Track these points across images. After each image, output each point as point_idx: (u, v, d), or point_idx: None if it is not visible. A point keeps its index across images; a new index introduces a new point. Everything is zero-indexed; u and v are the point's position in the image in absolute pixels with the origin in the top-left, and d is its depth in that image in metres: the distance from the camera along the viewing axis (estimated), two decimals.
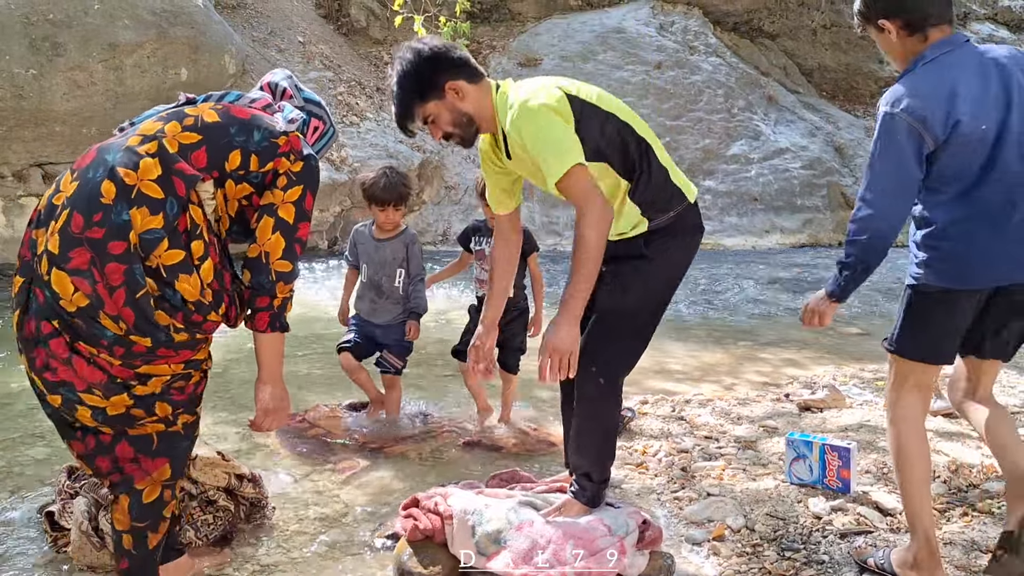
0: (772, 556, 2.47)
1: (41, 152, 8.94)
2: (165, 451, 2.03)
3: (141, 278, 1.83)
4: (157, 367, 1.92)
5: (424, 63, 2.35)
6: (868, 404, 4.01)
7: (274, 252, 1.99)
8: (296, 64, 11.83)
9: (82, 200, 1.85)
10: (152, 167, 1.88)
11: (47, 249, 1.85)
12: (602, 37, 13.52)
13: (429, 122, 2.41)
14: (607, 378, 2.42)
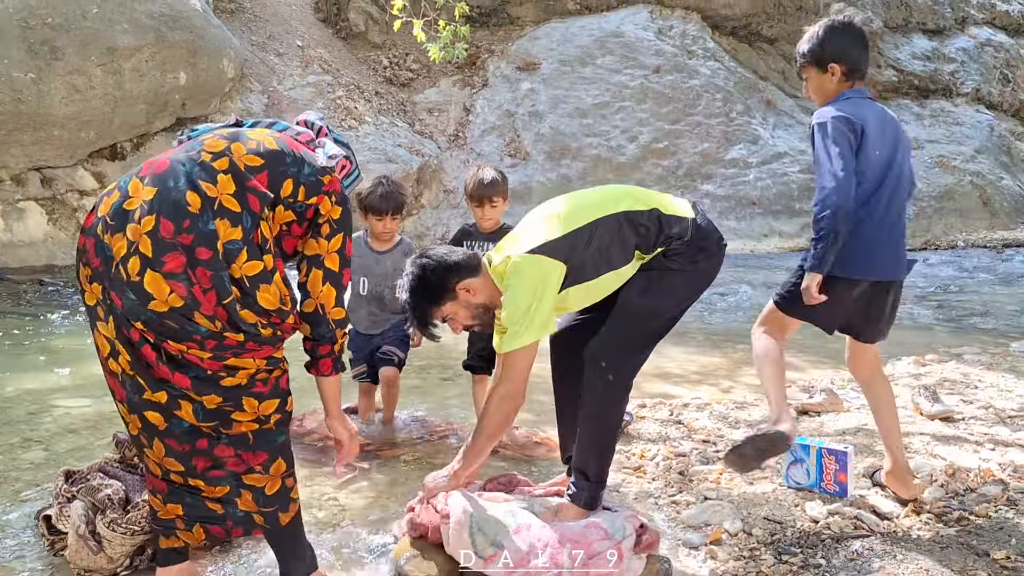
0: (769, 560, 2.47)
1: (39, 156, 8.95)
2: (262, 446, 2.10)
3: (229, 284, 1.92)
4: (244, 360, 2.00)
5: (432, 273, 2.50)
6: (866, 408, 4.00)
7: (328, 302, 2.14)
8: (295, 68, 11.85)
9: (168, 206, 1.93)
10: (228, 183, 1.98)
11: (139, 252, 1.90)
12: (600, 41, 13.55)
13: (448, 319, 2.57)
14: (616, 376, 2.50)
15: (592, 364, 2.48)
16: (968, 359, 5.14)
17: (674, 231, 2.52)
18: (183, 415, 2.02)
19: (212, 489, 2.11)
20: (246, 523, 2.16)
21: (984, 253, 11.76)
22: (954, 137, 14.42)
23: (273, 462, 2.13)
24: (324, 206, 2.11)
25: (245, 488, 2.12)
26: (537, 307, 2.40)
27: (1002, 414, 3.83)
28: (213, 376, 1.98)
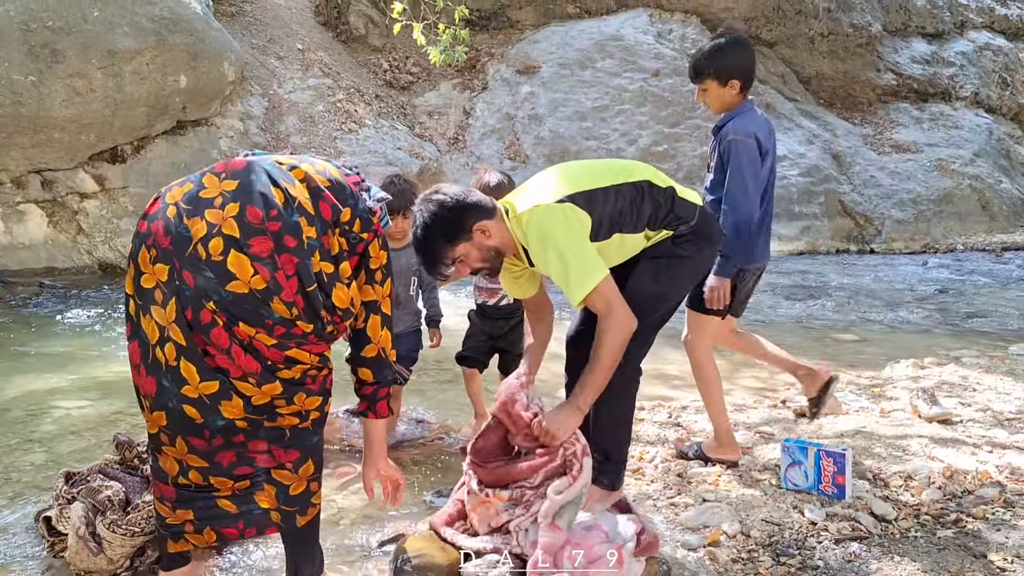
0: (767, 562, 2.48)
1: (40, 159, 8.96)
2: (296, 444, 2.12)
3: (312, 274, 1.97)
4: (303, 352, 2.04)
5: (449, 211, 2.45)
6: (864, 410, 4.02)
7: (388, 345, 2.24)
8: (295, 71, 11.87)
9: (253, 196, 1.98)
10: (303, 189, 2.05)
11: (224, 233, 1.93)
12: (600, 45, 13.56)
13: (458, 261, 2.52)
14: (628, 360, 2.57)
15: None
16: (967, 362, 5.15)
17: (683, 214, 2.63)
18: (227, 409, 1.99)
19: (232, 484, 2.08)
20: (261, 522, 2.14)
21: (983, 256, 11.77)
22: (953, 141, 14.43)
23: (303, 463, 2.14)
24: (373, 248, 2.18)
25: (271, 483, 2.11)
26: (584, 248, 2.43)
27: (1000, 417, 3.84)
28: (273, 366, 2.01)
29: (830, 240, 12.59)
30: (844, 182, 13.20)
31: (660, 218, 2.61)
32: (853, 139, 14.17)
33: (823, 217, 12.71)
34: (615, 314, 2.42)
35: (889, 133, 14.58)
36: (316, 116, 11.37)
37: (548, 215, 2.44)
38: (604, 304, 2.44)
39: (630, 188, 2.56)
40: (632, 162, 2.74)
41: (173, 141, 9.95)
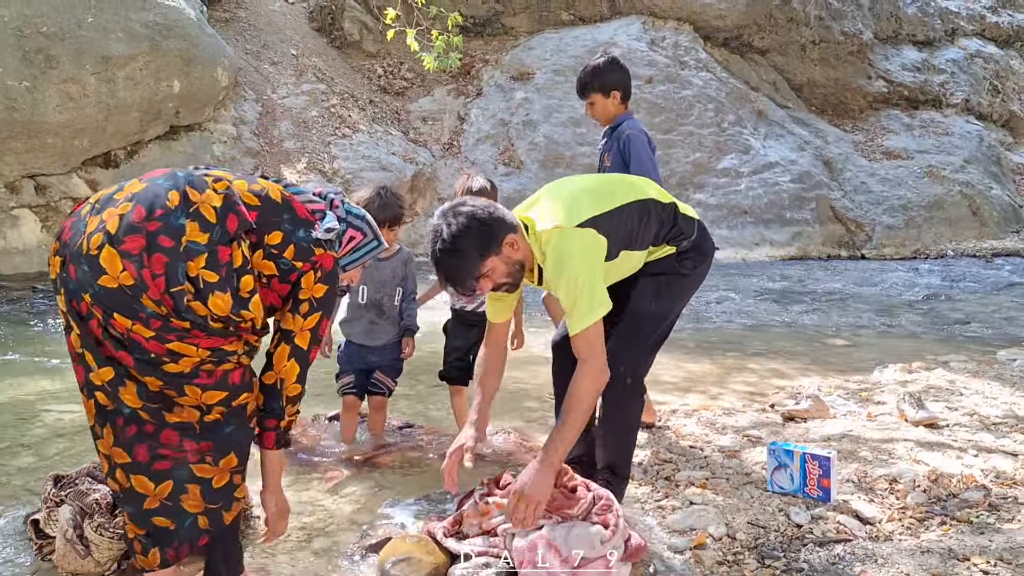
0: (752, 564, 2.49)
1: (33, 164, 8.96)
2: (209, 436, 2.11)
3: (182, 276, 1.94)
4: (187, 346, 1.99)
5: (482, 224, 2.40)
6: (851, 415, 4.05)
7: (289, 378, 2.17)
8: (289, 76, 11.89)
9: (147, 198, 1.99)
10: (215, 197, 2.03)
11: (104, 228, 1.94)
12: (594, 52, 13.54)
13: (483, 277, 2.44)
14: (634, 378, 2.66)
15: (613, 370, 2.53)
16: (954, 366, 5.18)
17: (685, 229, 2.69)
18: (125, 396, 2.03)
19: (154, 488, 2.09)
20: (192, 535, 2.15)
21: (973, 262, 11.84)
22: (944, 147, 14.52)
23: (224, 454, 2.12)
24: (307, 280, 2.13)
25: (194, 481, 2.11)
26: (596, 281, 2.45)
27: (986, 421, 3.86)
28: (156, 360, 1.99)
29: (821, 246, 12.65)
30: (835, 188, 13.27)
31: (663, 235, 2.66)
32: (844, 146, 14.25)
33: (814, 223, 12.77)
34: (594, 362, 2.43)
35: (880, 140, 14.67)
36: (310, 121, 11.39)
37: (571, 239, 2.45)
38: (587, 348, 2.43)
39: (640, 206, 2.61)
40: (637, 178, 2.80)
41: (166, 146, 9.96)
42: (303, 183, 11.34)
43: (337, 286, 2.23)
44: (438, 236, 2.41)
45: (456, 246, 2.38)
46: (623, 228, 2.55)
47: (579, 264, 2.43)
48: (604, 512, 2.40)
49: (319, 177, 10.63)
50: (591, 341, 2.44)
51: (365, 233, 2.37)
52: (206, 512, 2.14)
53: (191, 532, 2.14)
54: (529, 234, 2.51)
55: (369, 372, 3.68)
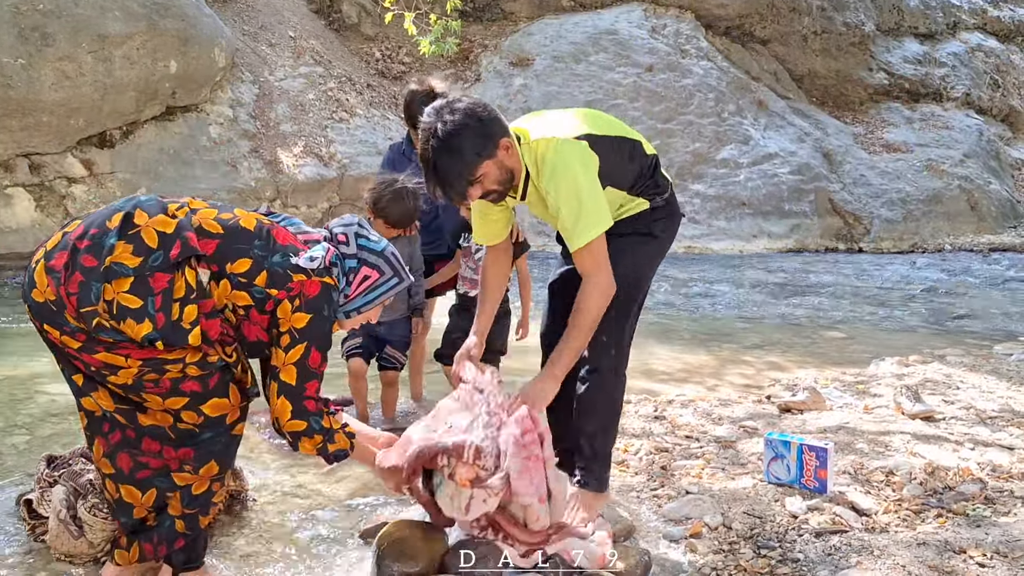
0: (748, 554, 2.49)
1: (28, 142, 8.89)
2: (187, 443, 2.09)
3: (95, 297, 1.89)
4: (116, 357, 1.95)
5: (480, 122, 2.26)
6: (848, 407, 4.04)
7: (283, 416, 2.11)
8: (287, 59, 11.81)
9: (92, 217, 1.99)
10: (166, 222, 1.98)
11: (45, 244, 1.99)
12: (594, 38, 13.56)
13: (475, 182, 2.30)
14: (617, 348, 2.56)
15: (594, 343, 2.46)
16: (951, 360, 5.19)
17: (661, 184, 2.60)
18: (101, 400, 2.05)
19: (141, 498, 2.12)
20: (170, 536, 2.16)
21: (971, 257, 11.85)
22: (943, 141, 14.50)
23: (204, 463, 2.11)
24: (283, 309, 2.05)
25: (175, 489, 2.12)
26: (598, 192, 2.34)
27: (983, 415, 3.86)
28: (97, 373, 1.99)
29: (819, 238, 12.65)
30: (834, 181, 13.25)
31: (641, 183, 2.55)
32: (844, 138, 14.22)
33: (813, 215, 12.76)
34: (601, 276, 2.34)
35: (880, 133, 14.65)
36: (307, 104, 11.32)
37: (568, 149, 2.33)
38: (593, 263, 2.34)
39: (629, 144, 2.52)
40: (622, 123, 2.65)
41: (162, 127, 9.89)
42: (301, 167, 11.12)
43: (327, 316, 2.11)
44: (431, 134, 2.23)
45: (452, 144, 2.22)
46: (613, 157, 2.44)
47: (580, 175, 2.32)
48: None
49: (316, 161, 10.57)
50: (596, 255, 2.34)
51: (383, 271, 2.25)
52: (183, 517, 2.15)
53: (170, 533, 2.16)
54: (521, 144, 2.37)
55: (377, 340, 3.68)
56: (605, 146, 2.42)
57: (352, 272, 2.21)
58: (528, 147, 2.37)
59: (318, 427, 2.13)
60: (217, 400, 2.08)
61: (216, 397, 2.07)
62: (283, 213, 2.30)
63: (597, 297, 2.35)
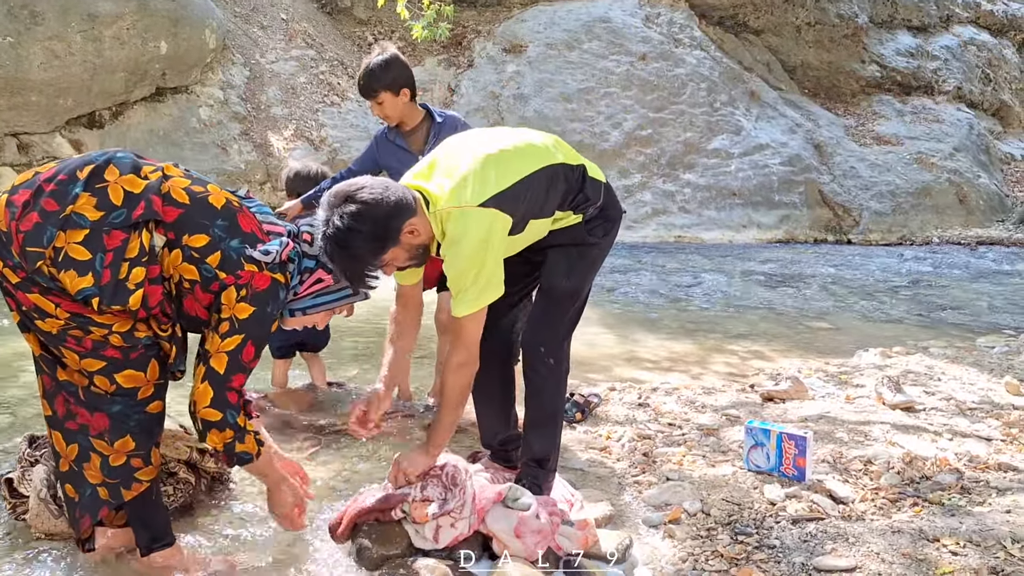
0: (725, 539, 2.51)
1: (16, 122, 8.83)
2: (99, 407, 2.10)
3: (47, 241, 1.91)
4: (47, 302, 1.97)
5: (375, 221, 2.17)
6: (830, 396, 4.08)
7: (201, 401, 2.08)
8: (278, 41, 11.74)
9: (69, 162, 2.00)
10: (134, 182, 2.00)
11: (15, 181, 2.01)
12: (588, 26, 13.51)
13: (384, 266, 2.29)
14: (555, 358, 2.56)
15: (532, 351, 2.55)
16: (934, 352, 5.22)
17: (591, 195, 2.51)
18: (31, 342, 2.11)
19: (66, 448, 2.16)
20: (93, 506, 2.18)
21: (958, 250, 11.90)
22: (934, 134, 14.54)
23: (119, 437, 2.12)
24: (227, 295, 2.04)
25: (94, 452, 2.13)
26: (490, 267, 2.29)
27: (962, 406, 3.90)
28: (28, 313, 2.01)
29: (808, 230, 12.68)
30: (825, 172, 13.28)
31: (569, 200, 2.48)
32: (835, 130, 14.24)
33: (802, 207, 12.79)
34: (463, 352, 2.34)
35: (871, 125, 14.67)
36: (298, 88, 11.27)
37: (471, 221, 2.25)
38: (466, 335, 2.33)
39: (548, 173, 2.41)
40: (545, 138, 2.53)
41: (152, 108, 9.83)
42: (292, 151, 11.05)
43: (270, 313, 2.10)
44: (325, 234, 2.18)
45: (349, 244, 2.16)
46: (530, 199, 2.35)
47: (479, 251, 2.25)
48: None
49: (306, 145, 10.53)
50: (468, 330, 2.33)
51: (337, 279, 2.25)
52: (105, 485, 2.16)
53: (92, 503, 2.17)
54: (429, 210, 2.30)
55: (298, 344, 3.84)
56: (520, 194, 2.33)
57: (307, 272, 2.21)
58: (435, 215, 2.30)
59: (232, 422, 2.10)
60: (132, 372, 2.09)
61: (132, 369, 2.09)
62: (258, 200, 2.29)
63: (456, 376, 2.37)
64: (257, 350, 2.10)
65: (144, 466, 2.19)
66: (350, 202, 2.17)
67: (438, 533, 2.29)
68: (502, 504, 2.36)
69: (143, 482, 2.20)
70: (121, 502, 2.20)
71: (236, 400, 2.11)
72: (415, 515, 2.31)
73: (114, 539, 2.33)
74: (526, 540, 2.28)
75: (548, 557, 2.32)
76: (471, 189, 2.28)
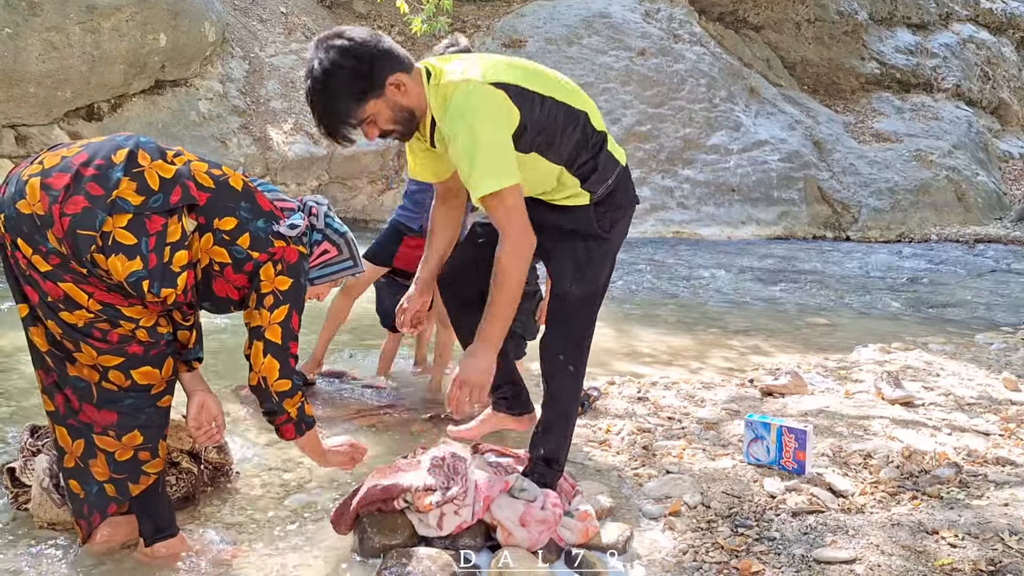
0: (725, 532, 2.52)
1: (14, 113, 8.81)
2: (108, 405, 2.10)
3: (99, 224, 1.91)
4: (80, 292, 1.97)
5: (360, 60, 2.07)
6: (829, 391, 4.09)
7: (271, 375, 2.14)
8: (277, 35, 11.72)
9: (95, 147, 2.00)
10: (167, 169, 2.02)
11: (43, 161, 1.98)
12: (587, 21, 13.49)
13: (366, 123, 2.16)
14: (576, 364, 2.50)
15: (552, 360, 2.48)
16: (933, 348, 5.24)
17: (605, 166, 2.35)
18: (36, 338, 2.08)
19: (71, 444, 2.15)
20: (101, 503, 2.19)
21: (956, 247, 11.92)
22: (932, 132, 14.54)
23: (127, 432, 2.13)
24: (266, 271, 2.11)
25: (99, 450, 2.14)
26: (500, 142, 2.11)
27: (961, 401, 3.92)
28: (53, 304, 1.99)
29: (807, 226, 12.68)
30: (824, 169, 13.28)
31: (582, 160, 2.30)
32: (835, 126, 14.24)
33: (801, 203, 12.79)
34: (513, 229, 2.14)
35: (870, 122, 14.68)
36: (297, 81, 11.23)
37: (478, 94, 2.10)
38: (504, 214, 2.12)
39: (567, 110, 2.26)
40: (579, 91, 2.39)
41: (151, 101, 9.81)
42: (291, 144, 11.08)
43: (304, 283, 2.19)
44: (309, 72, 2.11)
45: (327, 87, 2.07)
46: (544, 119, 2.20)
47: (484, 120, 2.08)
48: None
49: (306, 138, 10.52)
50: (508, 206, 2.11)
51: (341, 250, 2.35)
52: (112, 481, 2.17)
53: (99, 500, 2.18)
54: (430, 83, 2.18)
55: None
56: (536, 106, 2.19)
57: (315, 244, 2.32)
58: (438, 88, 2.17)
59: (299, 385, 2.22)
60: (149, 369, 2.11)
61: (150, 366, 2.11)
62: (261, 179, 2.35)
63: (513, 258, 2.16)
64: (299, 318, 2.19)
65: (152, 459, 2.20)
66: (337, 38, 2.11)
67: (442, 520, 2.29)
68: (508, 494, 2.37)
69: (151, 475, 2.21)
70: (129, 498, 2.22)
71: (296, 366, 2.21)
72: (418, 504, 2.31)
73: (117, 529, 2.33)
74: (531, 529, 2.29)
75: (550, 548, 2.33)
76: (485, 70, 2.16)
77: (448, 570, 2.19)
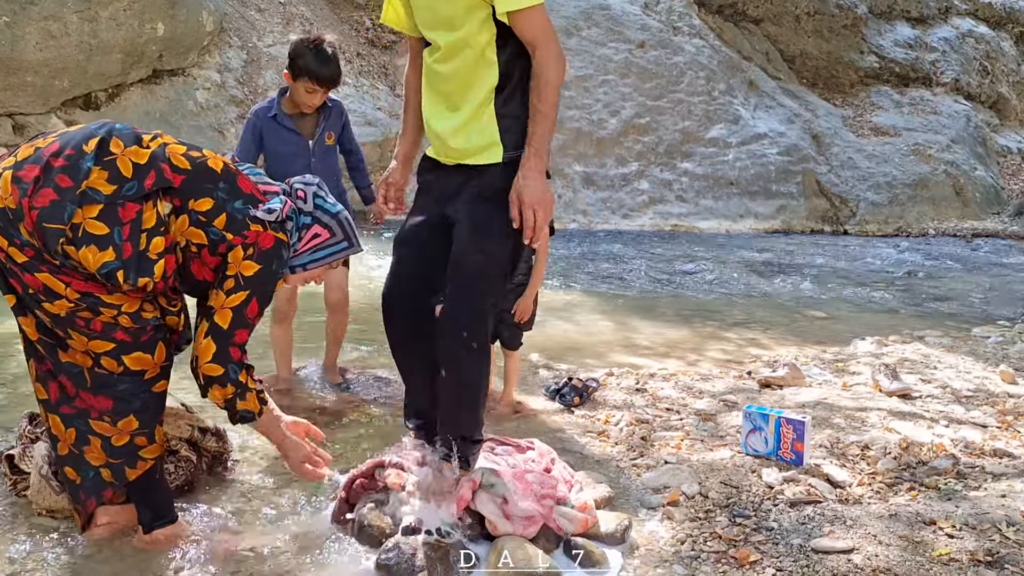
0: (723, 521, 2.53)
1: (11, 102, 8.76)
2: (103, 390, 2.10)
3: (67, 217, 1.89)
4: (56, 282, 1.96)
5: None
6: (826, 383, 4.10)
7: (203, 356, 2.09)
8: (275, 25, 11.67)
9: (67, 137, 1.98)
10: (141, 154, 1.99)
11: (16, 154, 1.97)
12: (587, 13, 13.45)
13: None
14: (478, 340, 2.29)
15: (453, 335, 2.26)
16: (930, 341, 5.25)
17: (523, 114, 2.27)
18: (27, 327, 2.07)
19: (64, 431, 2.15)
20: (97, 488, 2.19)
21: (954, 242, 11.94)
22: (931, 126, 14.55)
23: (122, 417, 2.13)
24: (235, 254, 2.07)
25: (94, 435, 2.13)
26: None
27: (958, 393, 3.93)
28: (35, 295, 1.98)
29: (805, 220, 12.69)
30: (822, 163, 13.28)
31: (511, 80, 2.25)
32: (833, 120, 14.24)
33: (799, 197, 12.80)
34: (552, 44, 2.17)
35: (869, 116, 14.67)
36: None
37: None
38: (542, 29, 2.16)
39: None
40: None
41: (148, 90, 9.77)
42: None
43: (275, 270, 2.13)
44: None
45: None
46: None
47: None
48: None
49: None
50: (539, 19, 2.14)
51: (333, 232, 2.29)
52: (108, 466, 2.16)
53: (96, 485, 2.18)
54: None
55: None
56: None
57: (304, 228, 2.26)
58: None
59: (234, 377, 2.12)
60: (141, 354, 2.10)
61: (141, 351, 2.10)
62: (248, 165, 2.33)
63: (555, 66, 2.18)
64: (260, 307, 2.13)
65: (148, 444, 2.20)
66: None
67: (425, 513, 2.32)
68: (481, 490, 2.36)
69: (148, 460, 2.20)
70: (125, 482, 2.22)
71: (239, 356, 2.13)
72: (387, 481, 2.35)
73: (115, 516, 2.34)
74: (515, 524, 2.30)
75: (549, 537, 2.33)
76: None
77: (445, 559, 2.19)
